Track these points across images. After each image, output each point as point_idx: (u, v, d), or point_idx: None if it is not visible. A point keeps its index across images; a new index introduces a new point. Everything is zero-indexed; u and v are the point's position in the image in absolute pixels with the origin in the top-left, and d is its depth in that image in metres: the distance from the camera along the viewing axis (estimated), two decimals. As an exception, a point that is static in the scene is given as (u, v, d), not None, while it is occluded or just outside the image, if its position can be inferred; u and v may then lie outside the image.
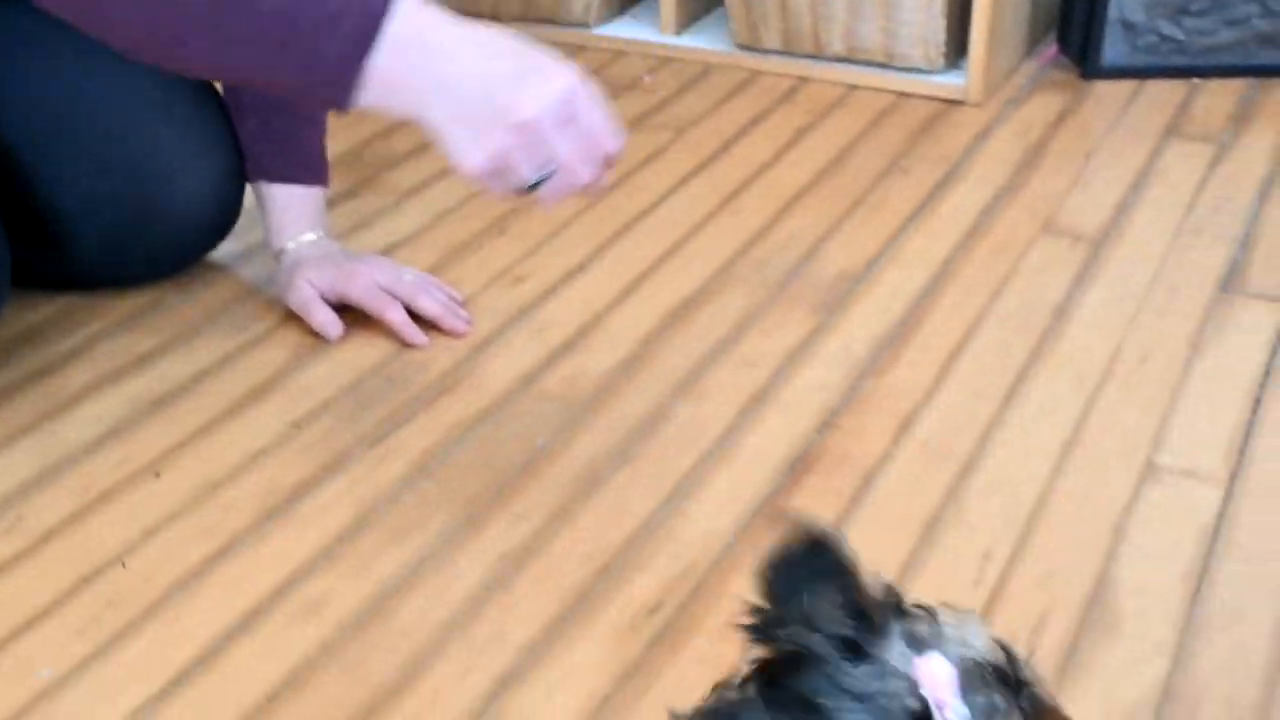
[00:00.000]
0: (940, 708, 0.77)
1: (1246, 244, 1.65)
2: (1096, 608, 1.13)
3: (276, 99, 1.50)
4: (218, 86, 1.54)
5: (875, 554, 1.17)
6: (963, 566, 1.17)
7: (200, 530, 1.21)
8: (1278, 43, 2.10)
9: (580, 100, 1.10)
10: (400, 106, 1.09)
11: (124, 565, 1.17)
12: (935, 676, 0.79)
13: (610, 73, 2.12)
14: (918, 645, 0.77)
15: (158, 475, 1.28)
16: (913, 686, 0.75)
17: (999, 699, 0.79)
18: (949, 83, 2.02)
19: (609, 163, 1.13)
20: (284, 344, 1.47)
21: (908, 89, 2.03)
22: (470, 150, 1.08)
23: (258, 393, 1.39)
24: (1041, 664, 1.07)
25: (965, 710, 0.77)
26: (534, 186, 1.10)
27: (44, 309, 1.52)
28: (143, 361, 1.44)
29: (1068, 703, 1.03)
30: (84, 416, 1.36)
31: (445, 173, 1.82)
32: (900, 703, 0.72)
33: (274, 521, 1.22)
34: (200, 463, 1.30)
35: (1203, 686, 1.06)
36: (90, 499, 1.25)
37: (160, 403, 1.38)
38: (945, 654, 0.76)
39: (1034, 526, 1.22)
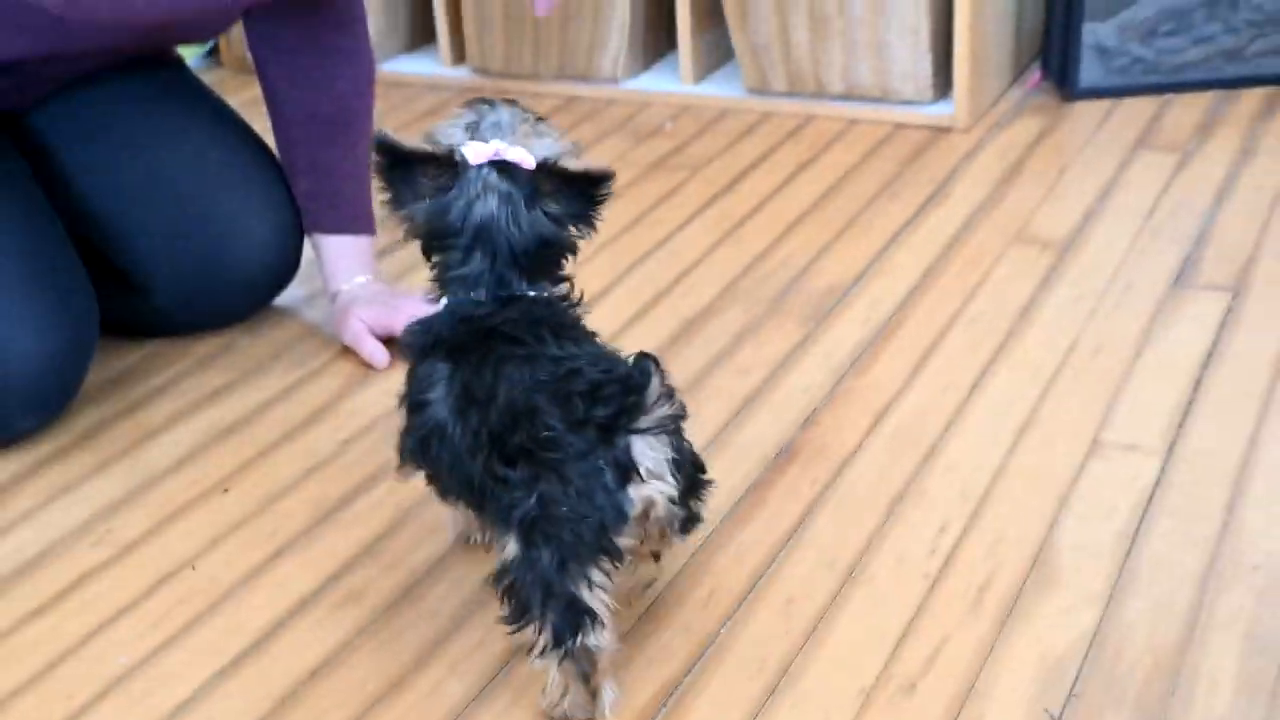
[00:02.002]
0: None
1: (1201, 241, 1.69)
2: (1038, 567, 1.19)
3: (323, 160, 1.61)
4: (274, 152, 1.64)
5: (844, 530, 1.25)
6: (921, 538, 1.23)
7: (261, 536, 1.30)
8: (1242, 56, 2.14)
9: None
10: None
11: (194, 569, 1.26)
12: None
13: (637, 121, 2.19)
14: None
15: (226, 491, 1.37)
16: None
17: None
18: (939, 112, 2.08)
19: None
20: (338, 374, 1.56)
21: (903, 120, 2.10)
22: None
23: (314, 417, 1.49)
24: (985, 617, 1.14)
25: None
26: None
27: (132, 354, 1.62)
28: (216, 395, 1.54)
29: (1006, 649, 1.09)
30: (164, 444, 1.45)
31: (485, 218, 1.91)
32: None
33: (323, 525, 1.31)
34: (262, 479, 1.39)
35: (1127, 632, 1.11)
36: (168, 513, 1.34)
37: (230, 430, 1.47)
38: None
39: (987, 501, 1.27)
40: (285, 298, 1.71)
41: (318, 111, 1.61)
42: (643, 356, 1.00)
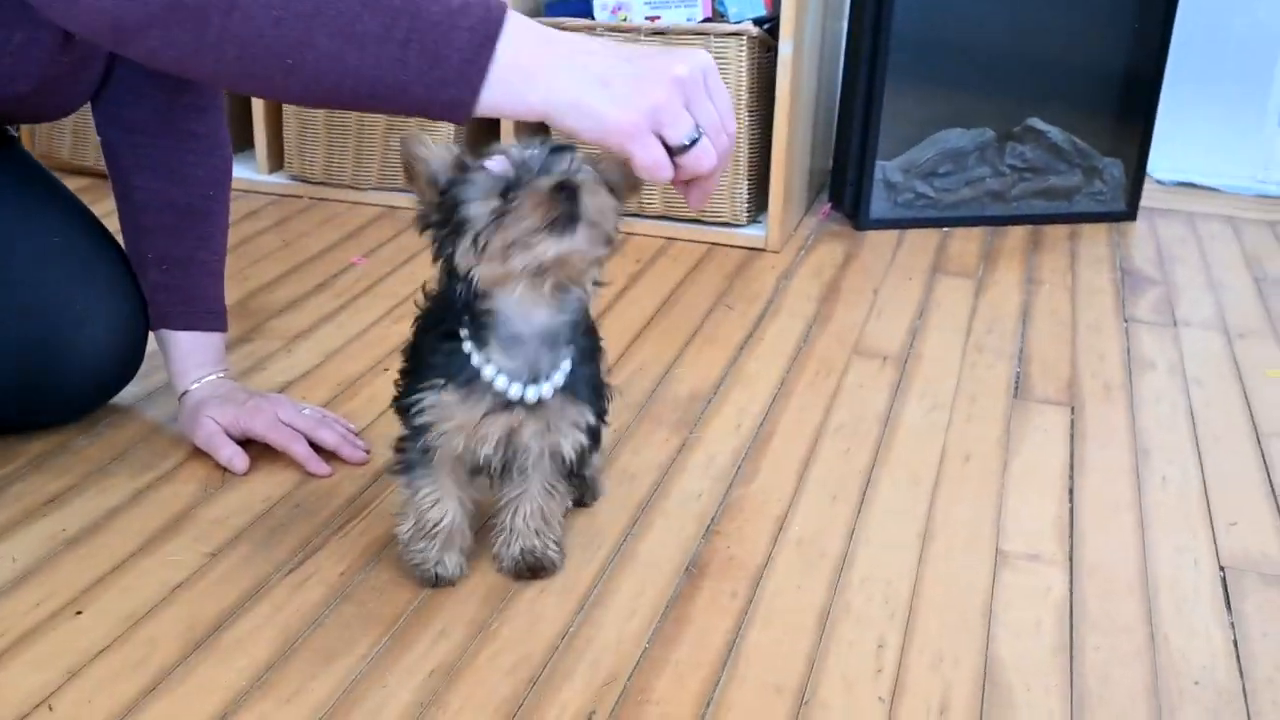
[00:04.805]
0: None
1: (1023, 359, 1.55)
2: (990, 687, 0.97)
3: (177, 251, 1.28)
4: (119, 241, 1.31)
5: (779, 649, 1.00)
6: (862, 657, 1.00)
7: (127, 666, 0.96)
8: (1005, 198, 2.04)
9: (715, 76, 0.89)
10: (523, 100, 0.85)
11: (50, 709, 0.92)
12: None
13: (460, 232, 1.93)
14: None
15: (79, 613, 1.02)
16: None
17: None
18: (752, 234, 1.89)
19: (729, 150, 0.91)
20: (192, 478, 1.23)
21: (719, 240, 1.90)
22: (621, 109, 0.84)
23: (171, 526, 1.15)
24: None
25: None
26: (683, 149, 0.86)
27: (-49, 455, 1.25)
28: (54, 501, 1.18)
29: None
30: (-2, 558, 1.10)
31: (327, 318, 1.61)
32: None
33: (200, 653, 0.98)
34: (120, 598, 1.05)
35: (1101, 757, 0.91)
36: (10, 641, 0.99)
37: (75, 541, 1.12)
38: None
39: (915, 615, 1.06)
40: (120, 395, 1.36)
41: (173, 201, 1.29)
42: None
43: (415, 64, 0.84)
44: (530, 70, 0.84)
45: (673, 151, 0.87)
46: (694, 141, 0.87)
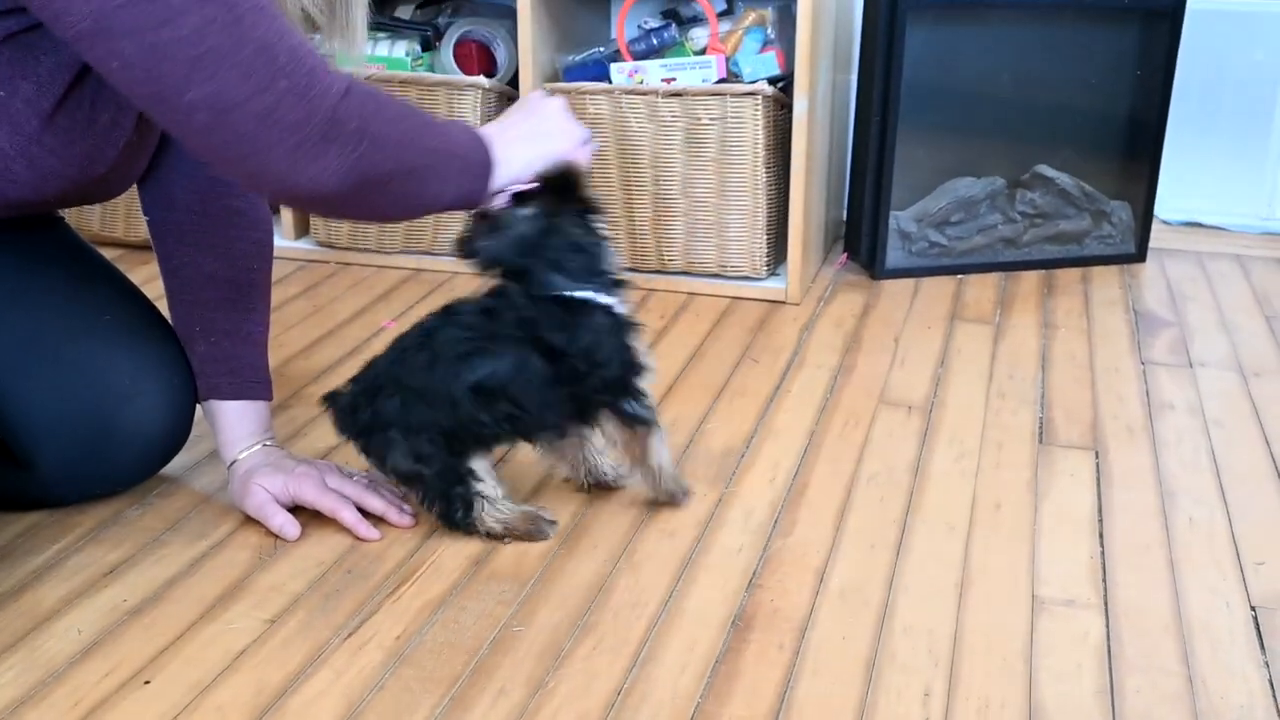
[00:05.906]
0: None
1: (1045, 404, 1.58)
2: (1035, 732, 1.01)
3: (223, 323, 1.32)
4: (164, 314, 1.35)
5: (830, 700, 1.03)
6: (910, 706, 1.03)
7: (197, 734, 1.00)
8: (1017, 244, 2.09)
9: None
10: (510, 177, 1.21)
11: (128, 778, 0.95)
12: None
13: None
14: None
15: (147, 683, 1.05)
16: None
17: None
18: (772, 287, 1.93)
19: None
20: (245, 546, 1.26)
21: (739, 294, 1.94)
22: (564, 140, 1.25)
23: (229, 594, 1.18)
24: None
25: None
26: (589, 140, 1.29)
27: (9, 530, 1.28)
28: (113, 573, 1.21)
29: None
30: (63, 630, 1.12)
31: (363, 383, 1.65)
32: None
33: (269, 719, 1.01)
34: (186, 667, 1.08)
35: (1149, 798, 0.94)
36: (84, 711, 1.02)
37: (137, 611, 1.15)
38: None
39: (958, 662, 1.09)
40: (168, 465, 1.39)
41: (216, 275, 1.33)
42: None
43: (470, 182, 1.19)
44: (505, 160, 1.21)
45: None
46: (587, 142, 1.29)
